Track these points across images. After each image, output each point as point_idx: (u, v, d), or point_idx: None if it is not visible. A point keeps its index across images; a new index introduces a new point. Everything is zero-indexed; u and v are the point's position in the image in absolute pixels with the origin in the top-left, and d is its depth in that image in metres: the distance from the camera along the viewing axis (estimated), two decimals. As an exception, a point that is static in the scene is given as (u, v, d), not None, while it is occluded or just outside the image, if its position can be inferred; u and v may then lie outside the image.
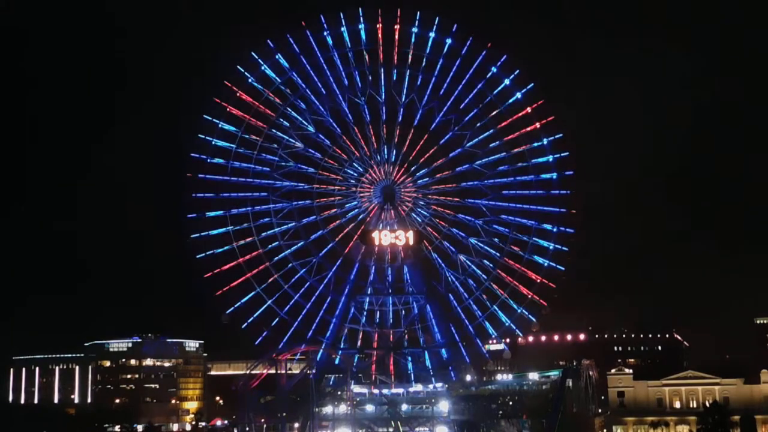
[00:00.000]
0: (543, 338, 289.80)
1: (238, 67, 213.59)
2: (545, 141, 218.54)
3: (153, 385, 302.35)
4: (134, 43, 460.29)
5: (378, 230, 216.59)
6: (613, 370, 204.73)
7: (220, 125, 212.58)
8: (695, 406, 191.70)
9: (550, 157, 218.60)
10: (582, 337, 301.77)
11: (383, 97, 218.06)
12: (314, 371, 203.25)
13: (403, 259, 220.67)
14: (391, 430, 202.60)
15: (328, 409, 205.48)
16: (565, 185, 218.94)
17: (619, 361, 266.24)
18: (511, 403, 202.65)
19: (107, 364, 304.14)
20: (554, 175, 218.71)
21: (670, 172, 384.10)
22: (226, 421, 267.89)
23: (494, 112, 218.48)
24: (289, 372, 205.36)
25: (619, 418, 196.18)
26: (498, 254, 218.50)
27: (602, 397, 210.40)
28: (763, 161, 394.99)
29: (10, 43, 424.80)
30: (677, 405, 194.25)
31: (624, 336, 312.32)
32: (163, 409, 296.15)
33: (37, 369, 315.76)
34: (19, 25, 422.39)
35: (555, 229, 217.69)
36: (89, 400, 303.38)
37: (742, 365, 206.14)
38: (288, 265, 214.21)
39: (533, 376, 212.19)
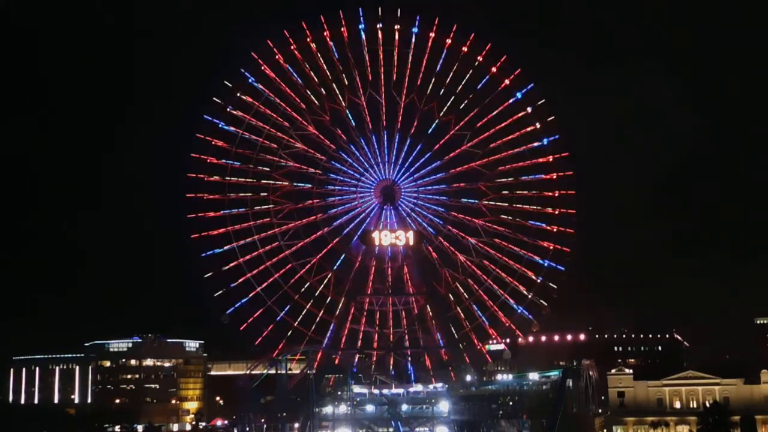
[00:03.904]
0: (543, 338, 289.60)
1: (239, 67, 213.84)
2: (545, 141, 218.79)
3: (153, 385, 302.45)
4: (134, 43, 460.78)
5: (378, 230, 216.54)
6: (613, 370, 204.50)
7: (220, 125, 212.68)
8: (695, 406, 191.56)
9: (550, 157, 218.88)
10: (582, 337, 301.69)
11: (383, 97, 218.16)
12: (314, 371, 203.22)
13: (403, 259, 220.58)
14: (391, 430, 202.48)
15: (328, 409, 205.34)
16: (564, 185, 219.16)
17: (619, 361, 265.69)
18: (511, 403, 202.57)
19: (107, 364, 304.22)
20: (554, 175, 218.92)
21: (670, 171, 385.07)
22: (226, 421, 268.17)
23: (494, 112, 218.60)
24: (289, 372, 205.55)
25: (619, 419, 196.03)
26: (498, 254, 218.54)
27: (602, 397, 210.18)
28: (763, 161, 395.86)
29: (11, 43, 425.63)
30: (677, 405, 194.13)
31: (624, 336, 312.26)
32: (163, 409, 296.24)
33: (37, 369, 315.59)
34: (20, 26, 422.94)
35: (555, 230, 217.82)
36: (89, 400, 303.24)
37: (742, 365, 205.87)
38: (288, 265, 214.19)
39: (533, 376, 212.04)
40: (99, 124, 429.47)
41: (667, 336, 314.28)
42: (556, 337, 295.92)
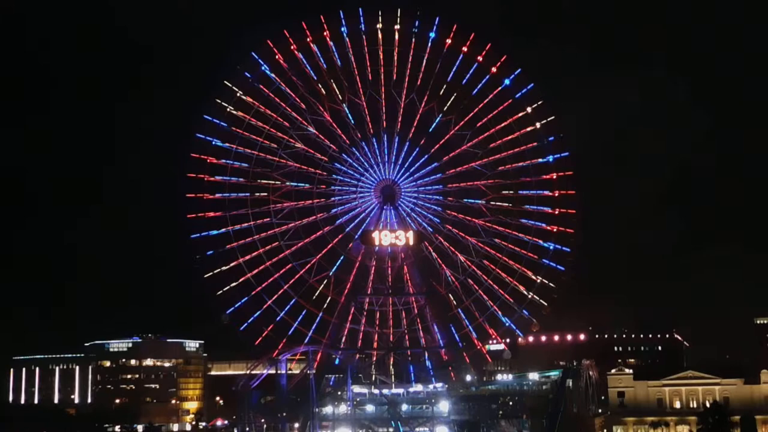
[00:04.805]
0: (543, 338, 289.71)
1: (239, 67, 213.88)
2: (545, 141, 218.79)
3: (153, 385, 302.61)
4: (135, 43, 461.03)
5: (378, 230, 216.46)
6: (613, 370, 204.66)
7: (220, 125, 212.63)
8: (695, 406, 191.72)
9: (550, 157, 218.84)
10: (582, 337, 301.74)
11: (383, 97, 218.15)
12: (314, 371, 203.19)
13: (403, 259, 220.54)
14: (391, 430, 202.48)
15: (328, 409, 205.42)
16: (565, 185, 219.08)
17: (619, 361, 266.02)
18: (511, 403, 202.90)
19: (107, 364, 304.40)
20: (554, 175, 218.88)
21: (670, 171, 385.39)
22: (226, 421, 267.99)
23: (494, 112, 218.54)
24: (289, 372, 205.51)
25: (619, 418, 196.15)
26: (498, 254, 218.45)
27: (602, 397, 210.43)
28: (764, 161, 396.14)
29: (11, 43, 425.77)
30: (677, 405, 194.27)
31: (624, 336, 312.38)
32: (163, 409, 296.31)
33: (37, 369, 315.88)
34: (21, 25, 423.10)
35: (555, 230, 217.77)
36: (89, 400, 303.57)
37: (742, 365, 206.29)
38: (288, 265, 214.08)
39: (533, 376, 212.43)
40: (99, 124, 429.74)
41: (667, 336, 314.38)
42: (556, 337, 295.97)
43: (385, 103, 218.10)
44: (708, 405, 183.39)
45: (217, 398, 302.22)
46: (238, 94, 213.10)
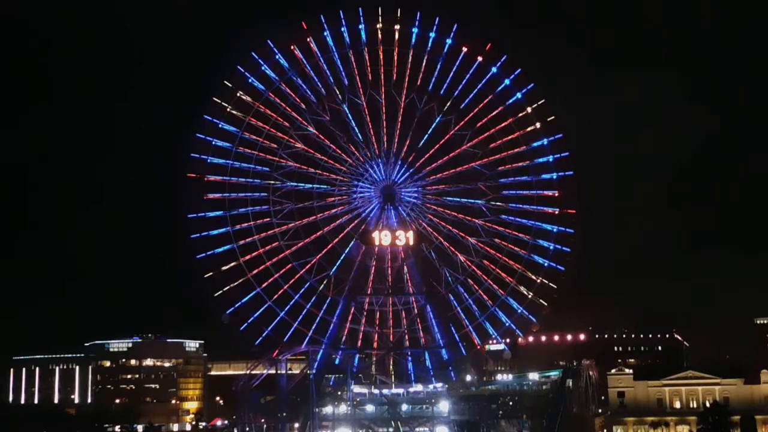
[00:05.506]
0: (543, 338, 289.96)
1: (239, 67, 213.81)
2: (545, 141, 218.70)
3: (153, 385, 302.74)
4: (135, 42, 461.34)
5: (378, 230, 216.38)
6: (613, 370, 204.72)
7: (220, 125, 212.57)
8: (695, 406, 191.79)
9: (550, 157, 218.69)
10: (582, 337, 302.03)
11: (383, 97, 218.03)
12: (314, 371, 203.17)
13: (403, 259, 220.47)
14: (391, 430, 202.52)
15: (328, 409, 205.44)
16: (564, 185, 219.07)
17: (619, 361, 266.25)
18: (511, 403, 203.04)
19: (107, 364, 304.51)
20: (554, 175, 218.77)
21: (670, 171, 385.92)
22: (226, 421, 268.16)
23: (494, 112, 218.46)
24: (289, 372, 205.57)
25: (619, 418, 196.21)
26: (498, 254, 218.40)
27: (602, 397, 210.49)
28: (764, 162, 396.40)
29: (12, 42, 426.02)
30: (677, 405, 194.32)
31: (624, 336, 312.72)
32: (163, 409, 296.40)
33: (37, 369, 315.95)
34: (21, 25, 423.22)
35: (555, 229, 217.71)
36: (89, 400, 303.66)
37: (742, 365, 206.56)
38: (288, 265, 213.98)
39: (533, 376, 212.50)
40: (99, 124, 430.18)
41: (667, 336, 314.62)
42: (556, 337, 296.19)
43: (385, 103, 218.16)
44: (708, 405, 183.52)
45: (217, 398, 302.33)
46: (238, 94, 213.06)
